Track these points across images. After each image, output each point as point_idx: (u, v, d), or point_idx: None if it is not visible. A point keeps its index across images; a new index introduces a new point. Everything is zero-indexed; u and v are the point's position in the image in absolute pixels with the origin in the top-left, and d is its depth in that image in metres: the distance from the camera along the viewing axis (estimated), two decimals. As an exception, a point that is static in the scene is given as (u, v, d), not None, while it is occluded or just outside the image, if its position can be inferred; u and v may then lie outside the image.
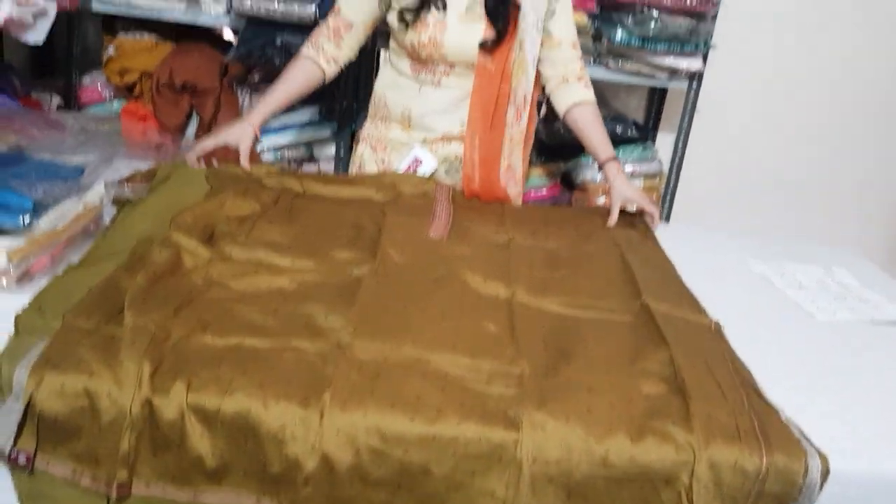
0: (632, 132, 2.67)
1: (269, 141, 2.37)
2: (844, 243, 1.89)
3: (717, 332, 1.16)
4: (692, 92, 2.57)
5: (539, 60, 1.68)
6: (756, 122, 3.00)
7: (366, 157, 1.79)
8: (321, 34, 1.68)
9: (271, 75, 2.43)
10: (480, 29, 1.61)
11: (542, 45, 1.66)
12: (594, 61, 2.50)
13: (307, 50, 1.68)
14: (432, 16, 1.60)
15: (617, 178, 1.66)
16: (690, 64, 2.47)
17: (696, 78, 2.54)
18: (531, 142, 1.83)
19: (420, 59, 1.65)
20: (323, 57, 1.67)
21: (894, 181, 3.14)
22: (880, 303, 1.43)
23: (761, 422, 0.92)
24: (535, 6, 1.62)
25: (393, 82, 1.73)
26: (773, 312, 1.34)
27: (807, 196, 3.10)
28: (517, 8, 1.61)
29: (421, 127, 1.71)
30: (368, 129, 1.81)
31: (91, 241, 1.23)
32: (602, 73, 2.49)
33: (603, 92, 2.89)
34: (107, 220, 1.31)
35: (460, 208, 1.53)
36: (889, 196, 3.16)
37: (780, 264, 1.57)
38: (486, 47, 1.61)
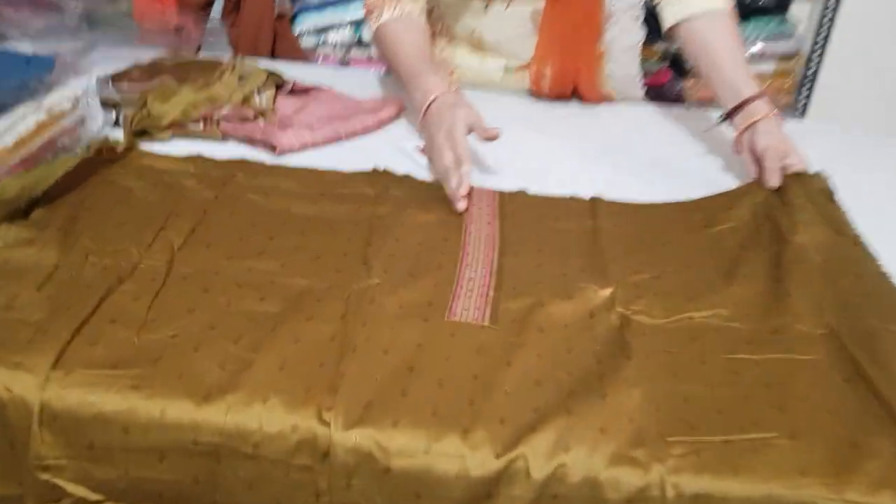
0: (763, 0, 2.33)
1: (308, 22, 2.18)
2: None
3: None
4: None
5: None
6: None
7: None
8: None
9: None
10: None
11: None
12: None
13: (390, 15, 1.29)
14: None
15: (773, 128, 1.11)
16: None
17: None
18: None
19: None
20: (413, 9, 1.29)
21: None
22: None
23: None
24: None
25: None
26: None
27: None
28: None
29: (498, 52, 1.40)
30: None
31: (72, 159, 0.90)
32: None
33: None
34: (96, 130, 1.08)
35: (511, 236, 0.91)
36: None
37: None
38: None
